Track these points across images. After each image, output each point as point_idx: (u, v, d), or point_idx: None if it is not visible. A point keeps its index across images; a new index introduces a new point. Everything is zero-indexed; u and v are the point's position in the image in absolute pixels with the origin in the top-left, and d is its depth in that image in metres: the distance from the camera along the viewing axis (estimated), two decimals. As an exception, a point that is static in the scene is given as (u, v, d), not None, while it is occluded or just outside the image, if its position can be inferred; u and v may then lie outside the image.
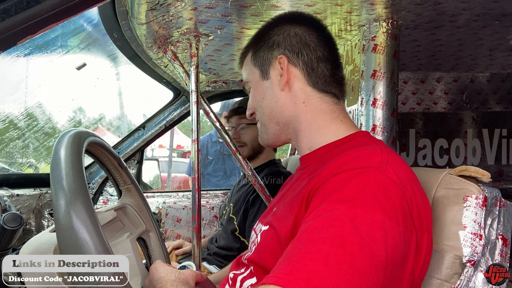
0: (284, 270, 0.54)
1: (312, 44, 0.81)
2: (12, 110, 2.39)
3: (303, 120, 0.81)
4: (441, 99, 2.59)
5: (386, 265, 0.55)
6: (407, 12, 1.37)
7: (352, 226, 0.56)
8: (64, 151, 0.66)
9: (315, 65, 0.81)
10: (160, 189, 2.79)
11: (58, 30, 2.01)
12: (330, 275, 0.52)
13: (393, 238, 0.57)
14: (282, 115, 0.83)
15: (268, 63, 0.83)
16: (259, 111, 0.86)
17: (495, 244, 0.71)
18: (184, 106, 2.34)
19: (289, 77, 0.81)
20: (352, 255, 0.54)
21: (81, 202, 0.60)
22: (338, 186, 0.62)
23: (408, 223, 0.61)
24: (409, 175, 0.67)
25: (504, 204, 0.73)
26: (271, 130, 0.86)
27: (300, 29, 0.82)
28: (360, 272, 0.53)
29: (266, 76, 0.84)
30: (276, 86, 0.82)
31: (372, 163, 0.65)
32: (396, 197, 0.61)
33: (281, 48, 0.81)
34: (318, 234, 0.56)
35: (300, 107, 0.81)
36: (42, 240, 0.74)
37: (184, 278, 0.75)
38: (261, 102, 0.85)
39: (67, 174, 0.62)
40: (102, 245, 0.59)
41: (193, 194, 1.46)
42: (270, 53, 0.83)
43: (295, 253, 0.56)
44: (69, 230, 0.58)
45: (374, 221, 0.57)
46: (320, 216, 0.59)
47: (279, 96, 0.82)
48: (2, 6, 0.63)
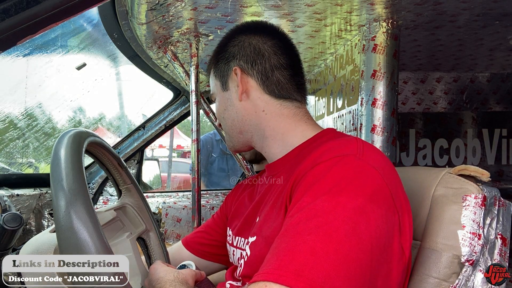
0: (273, 265, 0.55)
1: (266, 53, 0.82)
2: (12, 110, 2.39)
3: (267, 128, 0.83)
4: (441, 99, 2.59)
5: (372, 247, 0.57)
6: (407, 12, 1.37)
7: (335, 213, 0.57)
8: (64, 151, 0.66)
9: (270, 73, 0.82)
10: (160, 189, 2.79)
11: (58, 30, 2.01)
12: (319, 264, 0.53)
13: (375, 221, 0.59)
14: (244, 124, 0.85)
15: (226, 75, 0.86)
16: (223, 121, 0.89)
17: (494, 243, 0.71)
18: (184, 106, 2.34)
19: (245, 87, 0.82)
20: (338, 242, 0.55)
21: (81, 202, 0.60)
22: (318, 177, 0.63)
23: (389, 205, 0.62)
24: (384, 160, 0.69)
25: (503, 203, 0.73)
26: (235, 139, 0.89)
27: (255, 39, 0.84)
28: (348, 257, 0.54)
29: (226, 88, 0.86)
30: (235, 96, 0.84)
31: (349, 150, 0.67)
32: (375, 181, 0.62)
33: (237, 59, 0.83)
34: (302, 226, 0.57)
35: (261, 115, 0.83)
36: (42, 240, 0.74)
37: (183, 278, 0.75)
38: (223, 113, 0.88)
39: (67, 174, 0.62)
40: (102, 246, 0.59)
41: (193, 194, 1.47)
42: (227, 65, 0.85)
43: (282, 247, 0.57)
44: (69, 231, 0.58)
45: (356, 207, 0.58)
46: (303, 209, 0.60)
47: (239, 106, 0.84)
48: (2, 6, 0.63)
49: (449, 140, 2.61)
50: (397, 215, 0.63)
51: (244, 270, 0.77)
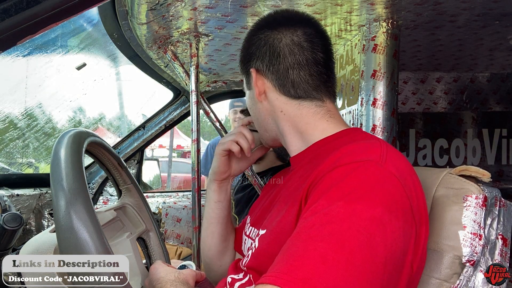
0: (281, 270, 0.54)
1: (281, 52, 0.79)
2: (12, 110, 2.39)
3: (286, 127, 0.82)
4: (441, 99, 2.59)
5: (386, 260, 0.55)
6: (407, 12, 1.37)
7: (350, 222, 0.55)
8: (64, 151, 0.66)
9: (285, 74, 0.79)
10: (160, 189, 2.79)
11: (58, 30, 2.00)
12: (329, 274, 0.51)
13: (392, 233, 0.56)
14: (267, 123, 0.85)
15: (248, 75, 0.86)
16: (253, 118, 0.90)
17: (495, 244, 0.71)
18: (184, 106, 2.34)
19: (262, 88, 0.82)
20: (351, 252, 0.53)
21: (81, 202, 0.60)
22: (336, 181, 0.61)
23: (408, 217, 0.60)
24: (408, 168, 0.66)
25: (504, 204, 0.73)
26: (263, 135, 0.89)
27: (271, 37, 0.80)
28: (359, 269, 0.52)
29: (249, 87, 0.86)
30: (255, 97, 0.84)
31: (371, 156, 0.64)
32: (396, 191, 0.60)
33: (254, 60, 0.82)
34: (315, 232, 0.55)
35: (279, 116, 0.82)
36: (42, 240, 0.74)
37: (183, 278, 0.75)
38: (251, 111, 0.89)
39: (67, 174, 0.62)
40: (103, 246, 0.59)
41: (193, 194, 1.47)
42: (247, 65, 0.85)
43: (292, 251, 0.55)
44: (69, 231, 0.58)
45: (373, 216, 0.55)
46: (318, 213, 0.58)
47: (259, 107, 0.84)
48: (2, 6, 0.63)
49: (449, 140, 2.61)
50: (415, 227, 0.61)
51: (250, 262, 0.76)
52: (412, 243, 0.61)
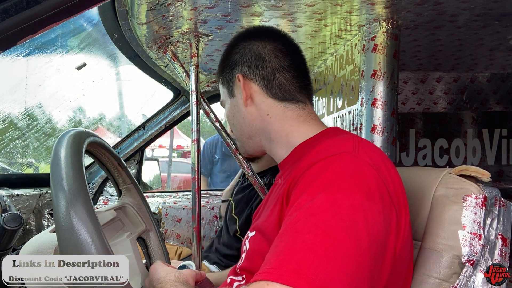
0: (273, 265, 0.55)
1: (267, 57, 0.84)
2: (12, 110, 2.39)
3: (272, 131, 0.85)
4: (441, 99, 2.59)
5: (370, 244, 0.57)
6: (407, 12, 1.37)
7: (333, 211, 0.58)
8: (64, 151, 0.66)
9: (272, 77, 0.84)
10: (160, 189, 2.79)
11: (58, 30, 2.01)
12: (319, 262, 0.53)
13: (373, 218, 0.59)
14: (251, 129, 0.87)
15: (232, 82, 0.88)
16: (233, 128, 0.92)
17: (495, 244, 0.71)
18: (184, 106, 2.34)
19: (249, 92, 0.85)
20: (337, 240, 0.55)
21: (81, 203, 0.60)
22: (315, 176, 0.64)
23: (386, 201, 0.63)
24: (381, 156, 0.69)
25: (504, 203, 0.73)
26: (246, 143, 0.91)
27: (255, 44, 0.86)
28: (347, 255, 0.55)
29: (232, 95, 0.89)
30: (240, 102, 0.87)
31: (345, 149, 0.68)
32: (372, 178, 0.63)
33: (239, 66, 0.86)
34: (301, 225, 0.58)
35: (265, 119, 0.85)
36: (42, 240, 0.74)
37: (183, 278, 0.76)
38: (232, 120, 0.91)
39: (67, 174, 0.62)
40: (103, 246, 0.59)
41: (193, 194, 1.46)
42: (231, 73, 0.88)
43: (281, 246, 0.57)
44: (69, 231, 0.58)
45: (354, 204, 0.59)
46: (302, 208, 0.60)
47: (245, 112, 0.87)
48: (2, 6, 0.63)
49: (449, 140, 2.61)
50: (394, 211, 0.64)
51: (243, 263, 0.78)
52: (394, 226, 0.64)
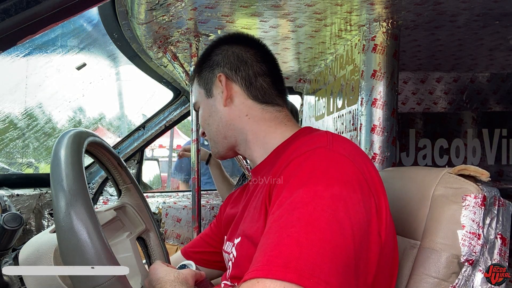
0: (261, 262, 0.56)
1: (249, 60, 0.86)
2: (12, 110, 2.39)
3: (249, 131, 0.86)
4: (441, 99, 2.59)
5: (353, 231, 0.59)
6: (407, 12, 1.37)
7: (314, 204, 0.59)
8: (64, 151, 0.66)
9: (253, 79, 0.86)
10: (160, 189, 2.79)
11: (58, 30, 2.01)
12: (306, 254, 0.54)
13: (353, 206, 0.61)
14: (229, 129, 0.88)
15: (210, 82, 0.89)
16: (207, 128, 0.92)
17: (494, 243, 0.71)
18: (184, 106, 2.34)
19: (229, 93, 0.86)
20: (321, 230, 0.56)
21: (81, 203, 0.60)
22: (294, 172, 0.66)
23: (364, 189, 0.64)
24: (354, 148, 0.72)
25: (503, 203, 0.73)
26: (220, 144, 0.92)
27: (237, 48, 0.88)
28: (332, 244, 0.56)
29: (210, 95, 0.89)
30: (219, 102, 0.87)
31: (319, 144, 0.70)
32: (348, 168, 0.65)
33: (221, 66, 0.87)
34: (285, 221, 0.59)
35: (244, 120, 0.86)
36: (42, 241, 0.74)
37: (183, 278, 0.76)
38: (208, 119, 0.91)
39: (67, 175, 0.62)
40: (103, 247, 0.59)
41: (193, 194, 1.47)
42: (211, 73, 0.89)
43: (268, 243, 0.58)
44: (69, 231, 0.58)
45: (333, 194, 0.60)
46: (283, 204, 0.62)
47: (223, 112, 0.87)
48: (2, 6, 0.63)
49: (449, 140, 2.61)
50: (373, 199, 0.66)
51: (232, 272, 0.78)
52: (374, 213, 0.65)
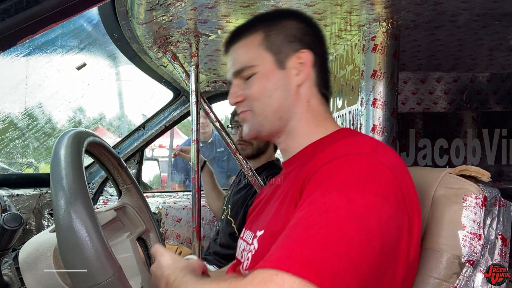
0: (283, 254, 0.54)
1: (324, 46, 0.83)
2: (12, 110, 2.38)
3: (303, 119, 0.81)
4: (441, 99, 2.58)
5: (382, 245, 0.57)
6: (407, 12, 1.37)
7: (347, 210, 0.57)
8: (64, 151, 0.66)
9: (326, 70, 0.83)
10: (160, 189, 2.79)
11: (58, 30, 2.00)
12: (330, 259, 0.53)
13: (386, 220, 0.59)
14: (289, 111, 0.80)
15: (285, 53, 0.79)
16: (265, 101, 0.80)
17: (495, 244, 0.71)
18: (184, 106, 2.34)
19: (307, 75, 0.80)
20: (350, 238, 0.55)
21: (81, 202, 0.60)
22: (331, 173, 0.63)
23: (400, 205, 0.62)
24: (398, 161, 0.69)
25: (504, 204, 0.73)
26: (270, 123, 0.82)
27: (318, 31, 0.83)
28: (358, 255, 0.54)
29: (282, 66, 0.79)
30: (292, 79, 0.79)
31: (363, 149, 0.67)
32: (388, 180, 0.62)
33: (302, 43, 0.80)
34: (314, 220, 0.57)
35: (304, 106, 0.81)
36: (42, 240, 0.74)
37: (192, 267, 0.75)
38: (272, 92, 0.79)
39: (67, 174, 0.62)
40: (102, 246, 0.59)
41: (193, 194, 1.46)
42: (289, 44, 0.79)
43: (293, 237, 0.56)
44: (69, 230, 0.58)
45: (368, 204, 0.58)
46: (315, 203, 0.59)
47: (293, 91, 0.80)
48: (2, 6, 0.63)
49: (449, 140, 2.61)
50: (407, 217, 0.63)
51: (252, 264, 0.76)
52: (406, 231, 0.63)
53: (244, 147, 1.81)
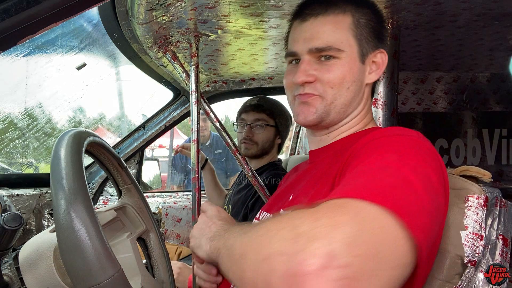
0: (355, 186, 0.49)
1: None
2: (12, 110, 2.39)
3: (359, 117, 0.81)
4: (441, 99, 2.58)
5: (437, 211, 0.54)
6: (407, 12, 1.37)
7: (408, 169, 0.53)
8: (64, 151, 0.66)
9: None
10: (160, 189, 2.79)
11: (58, 30, 2.00)
12: (403, 197, 0.48)
13: (436, 196, 0.56)
14: (354, 108, 0.79)
15: (367, 48, 0.76)
16: (341, 90, 0.75)
17: (496, 244, 0.71)
18: (184, 106, 2.34)
19: (379, 76, 0.80)
20: (417, 190, 0.51)
21: (81, 202, 0.60)
22: (382, 143, 0.59)
23: (444, 189, 0.60)
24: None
25: (505, 204, 0.73)
26: (335, 115, 0.77)
27: (387, 29, 0.87)
28: (428, 205, 0.51)
29: (363, 60, 0.76)
30: (367, 76, 0.78)
31: (410, 133, 0.63)
32: (439, 162, 0.60)
33: (384, 43, 0.79)
34: (378, 169, 0.53)
35: (364, 105, 0.81)
36: (42, 240, 0.74)
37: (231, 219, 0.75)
38: (350, 85, 0.75)
39: (67, 174, 0.62)
40: (102, 245, 0.59)
41: (193, 194, 1.46)
42: (374, 41, 0.77)
43: (360, 179, 0.51)
44: (69, 230, 0.58)
45: (427, 172, 0.54)
46: (375, 157, 0.55)
47: (363, 88, 0.79)
48: (2, 6, 0.63)
49: (449, 140, 2.61)
50: (444, 204, 0.61)
51: None
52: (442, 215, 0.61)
53: (248, 147, 1.80)
